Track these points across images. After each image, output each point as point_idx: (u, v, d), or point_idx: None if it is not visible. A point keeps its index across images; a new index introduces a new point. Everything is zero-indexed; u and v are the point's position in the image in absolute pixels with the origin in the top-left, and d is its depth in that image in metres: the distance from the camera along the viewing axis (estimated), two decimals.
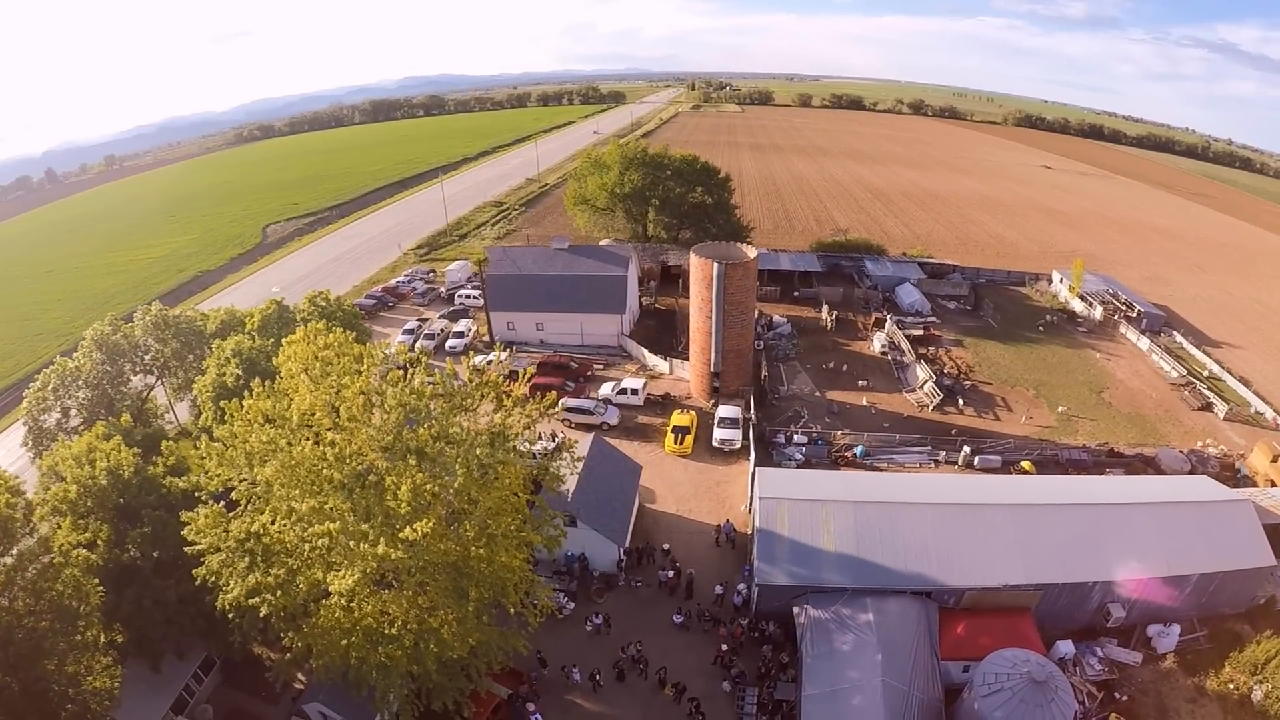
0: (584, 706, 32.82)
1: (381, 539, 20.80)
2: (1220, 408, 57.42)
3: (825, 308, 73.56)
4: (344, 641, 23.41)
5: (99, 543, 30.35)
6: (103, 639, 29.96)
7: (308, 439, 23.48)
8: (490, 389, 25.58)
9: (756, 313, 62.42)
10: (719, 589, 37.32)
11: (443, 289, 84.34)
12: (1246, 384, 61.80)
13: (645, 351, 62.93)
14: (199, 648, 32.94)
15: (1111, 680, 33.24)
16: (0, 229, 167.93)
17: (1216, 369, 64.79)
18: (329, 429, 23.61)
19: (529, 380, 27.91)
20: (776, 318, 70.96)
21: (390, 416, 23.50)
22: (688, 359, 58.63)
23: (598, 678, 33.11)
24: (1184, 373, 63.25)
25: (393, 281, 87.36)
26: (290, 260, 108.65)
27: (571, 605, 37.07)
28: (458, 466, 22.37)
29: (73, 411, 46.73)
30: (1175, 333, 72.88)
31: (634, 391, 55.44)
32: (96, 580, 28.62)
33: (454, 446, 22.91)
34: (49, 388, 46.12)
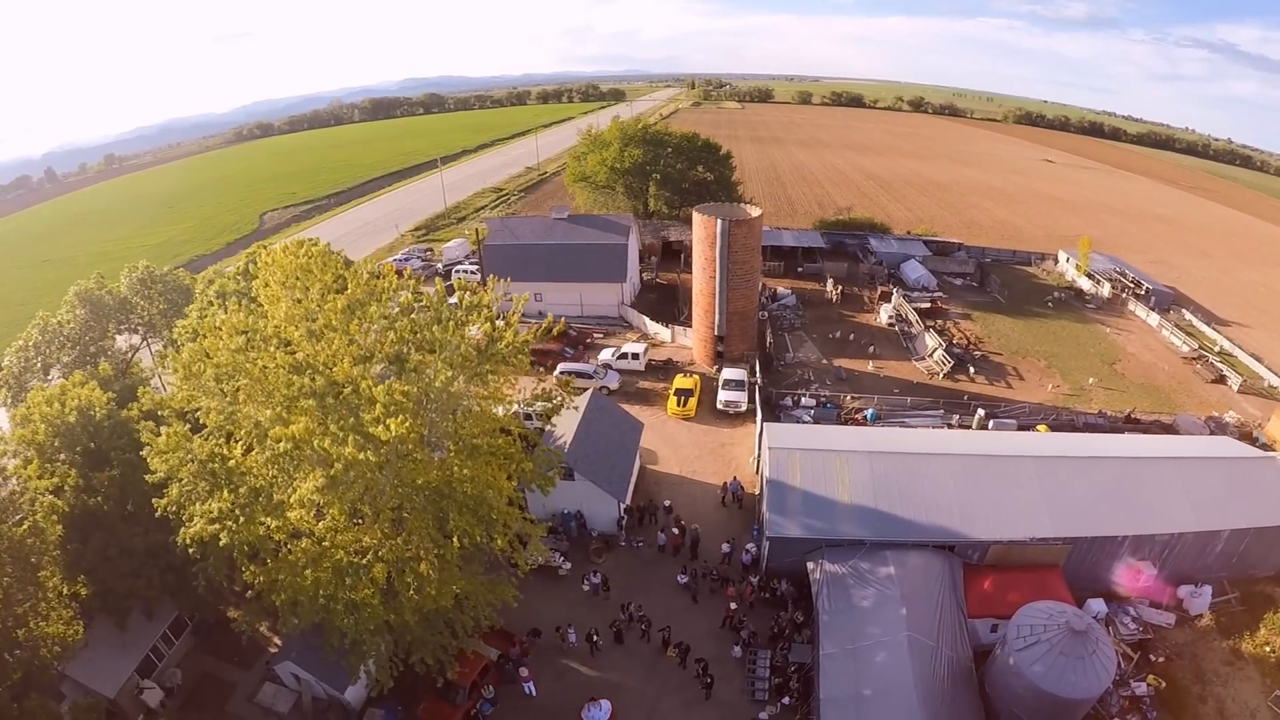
0: (581, 671, 30.58)
1: (350, 439, 18.65)
2: (1234, 380, 55.96)
3: (830, 281, 71.72)
4: (308, 571, 21.11)
5: (65, 488, 28.36)
6: (65, 590, 28.08)
7: (282, 351, 21.41)
8: (479, 307, 23.51)
9: (760, 284, 60.75)
10: (726, 547, 35.17)
11: (440, 265, 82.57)
12: (1258, 360, 60.25)
13: (646, 319, 60.94)
14: (169, 607, 30.86)
15: (1146, 640, 31.30)
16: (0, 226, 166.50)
17: (1228, 345, 63.30)
18: (304, 346, 21.53)
19: (523, 303, 25.84)
20: (780, 289, 69.13)
21: (371, 327, 21.44)
22: (690, 326, 56.76)
23: (595, 639, 30.91)
24: (1195, 347, 61.78)
25: (389, 259, 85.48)
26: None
27: (568, 565, 34.97)
28: (440, 363, 20.27)
29: (54, 371, 44.83)
30: (1184, 310, 71.40)
31: (635, 356, 53.44)
32: (56, 518, 26.67)
33: (438, 353, 20.84)
34: (31, 343, 44.40)
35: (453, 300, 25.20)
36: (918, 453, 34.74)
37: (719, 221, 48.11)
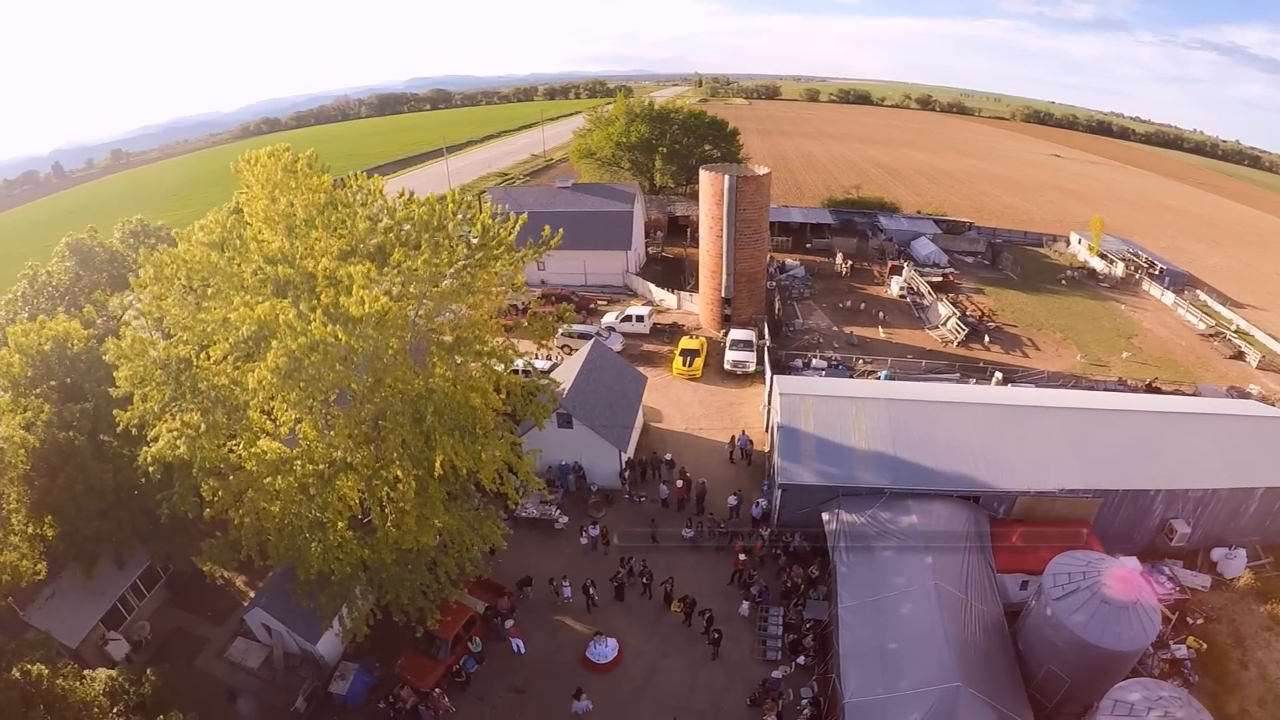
0: (575, 628, 28.40)
1: (317, 316, 16.61)
2: (1253, 356, 54.39)
3: (839, 256, 69.85)
4: (270, 481, 19.00)
5: (37, 423, 26.64)
6: (30, 529, 26.34)
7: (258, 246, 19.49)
8: (474, 213, 21.63)
9: (769, 258, 59.08)
10: (733, 499, 33.14)
11: None
12: (1276, 339, 58.41)
13: (651, 286, 59.05)
14: (141, 557, 28.98)
15: (1184, 601, 29.32)
16: (4, 218, 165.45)
17: (1244, 324, 61.57)
18: (279, 242, 19.58)
19: (519, 224, 24.02)
20: (789, 261, 67.34)
21: (357, 226, 19.52)
22: (696, 293, 55.03)
23: (592, 592, 28.81)
24: (1212, 324, 60.19)
25: None
26: None
27: (565, 519, 32.97)
28: (424, 245, 18.33)
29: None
30: (1199, 291, 69.64)
31: (639, 319, 51.70)
32: (24, 452, 24.99)
33: (425, 240, 18.91)
34: (19, 294, 42.88)
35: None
36: (939, 400, 32.70)
37: (727, 177, 46.35)
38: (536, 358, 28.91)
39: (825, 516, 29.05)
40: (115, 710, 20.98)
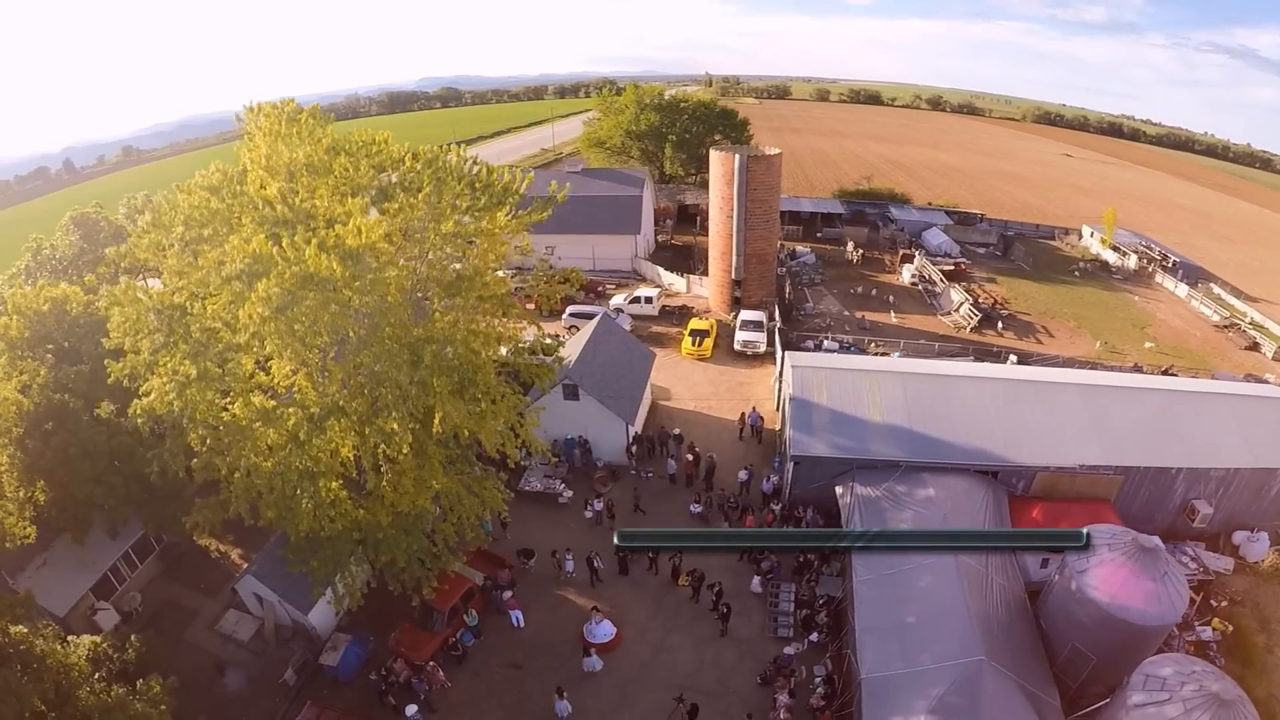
0: (578, 603, 27.45)
1: (312, 244, 15.81)
2: (1268, 347, 53.45)
3: (850, 244, 69.01)
4: (259, 427, 18.20)
5: (33, 386, 26.05)
6: (22, 493, 25.74)
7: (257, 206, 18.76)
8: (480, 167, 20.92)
9: (779, 245, 58.24)
10: (744, 474, 32.16)
11: None
12: None
13: (660, 270, 58.26)
14: (134, 527, 28.35)
15: (1207, 582, 28.35)
16: (14, 213, 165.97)
17: (1259, 316, 60.57)
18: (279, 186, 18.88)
19: (528, 182, 23.38)
20: (799, 249, 66.50)
21: (361, 175, 18.80)
22: (706, 276, 54.32)
23: (596, 564, 27.86)
24: (1226, 316, 59.39)
25: None
26: None
27: (569, 493, 32.11)
28: (426, 180, 17.60)
29: None
30: (1212, 285, 68.54)
31: (648, 300, 50.99)
32: (17, 413, 24.44)
33: (427, 180, 18.18)
34: (22, 267, 42.46)
35: None
36: (956, 375, 31.81)
37: (737, 157, 45.64)
38: (545, 338, 28.25)
39: (839, 490, 28.17)
40: (97, 676, 20.36)
